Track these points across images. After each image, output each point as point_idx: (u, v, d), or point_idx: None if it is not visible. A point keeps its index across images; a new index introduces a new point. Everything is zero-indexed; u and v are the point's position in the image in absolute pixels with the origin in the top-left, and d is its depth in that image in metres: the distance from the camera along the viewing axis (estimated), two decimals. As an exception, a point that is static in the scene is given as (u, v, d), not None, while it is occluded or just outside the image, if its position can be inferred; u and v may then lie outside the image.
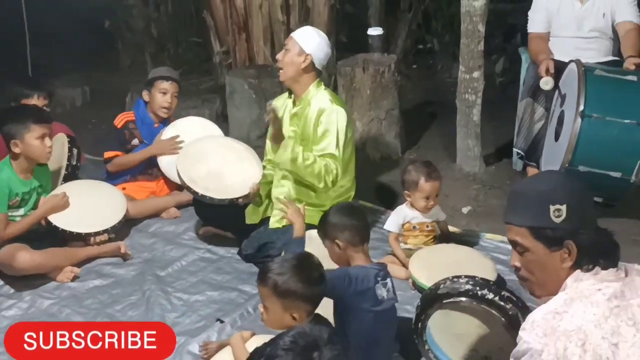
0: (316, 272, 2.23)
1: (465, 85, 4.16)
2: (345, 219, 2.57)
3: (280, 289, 2.15)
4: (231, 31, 5.45)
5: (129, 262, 3.48)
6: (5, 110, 3.44)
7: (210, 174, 3.45)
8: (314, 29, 3.50)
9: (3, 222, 3.26)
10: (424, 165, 3.35)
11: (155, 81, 4.00)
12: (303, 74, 3.33)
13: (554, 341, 1.57)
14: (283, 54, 3.36)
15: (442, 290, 2.41)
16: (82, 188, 3.62)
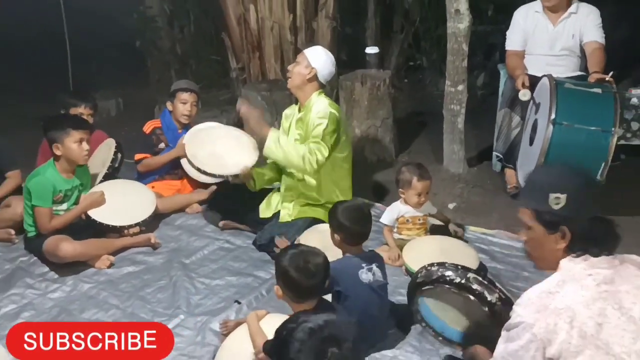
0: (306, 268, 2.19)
1: (451, 97, 4.15)
2: (351, 224, 2.58)
3: (277, 262, 2.23)
4: (246, 50, 5.44)
5: (158, 251, 3.46)
6: (48, 118, 3.43)
7: (211, 154, 3.53)
8: (324, 50, 3.52)
9: (48, 215, 3.26)
10: (416, 167, 3.34)
11: (177, 92, 4.00)
12: (307, 83, 3.36)
13: (545, 317, 1.57)
14: (293, 65, 3.41)
15: (419, 279, 2.41)
16: (118, 186, 3.63)
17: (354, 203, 2.88)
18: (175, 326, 2.78)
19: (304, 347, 1.43)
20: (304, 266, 2.16)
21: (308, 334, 1.44)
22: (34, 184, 3.27)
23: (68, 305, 2.97)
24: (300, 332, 1.45)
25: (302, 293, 2.17)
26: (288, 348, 1.45)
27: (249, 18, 5.28)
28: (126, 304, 2.96)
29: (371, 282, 2.49)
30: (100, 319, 2.85)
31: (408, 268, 3.11)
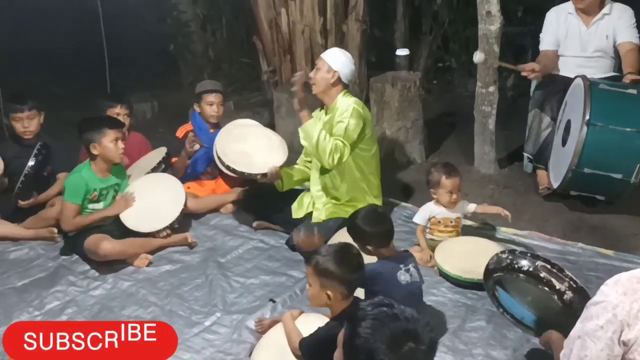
0: (354, 260, 2.20)
1: (482, 98, 4.11)
2: (373, 228, 2.55)
3: (319, 267, 2.15)
4: (277, 53, 5.46)
5: (194, 250, 3.49)
6: (85, 119, 3.47)
7: (241, 152, 3.52)
8: (340, 50, 3.53)
9: (74, 211, 3.31)
10: (444, 166, 3.34)
11: (202, 95, 4.03)
12: (332, 87, 3.38)
13: (630, 300, 1.53)
14: (314, 72, 3.42)
15: (490, 265, 2.39)
16: (150, 182, 3.61)
17: (366, 208, 2.87)
18: (212, 324, 2.82)
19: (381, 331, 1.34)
20: (351, 259, 2.15)
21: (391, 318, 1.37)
22: (68, 181, 3.36)
23: (109, 302, 3.02)
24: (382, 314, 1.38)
25: (352, 287, 2.16)
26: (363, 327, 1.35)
27: (280, 22, 5.31)
28: (164, 302, 3.00)
29: (408, 282, 2.47)
30: (140, 316, 2.89)
31: (440, 269, 3.09)
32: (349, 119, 3.26)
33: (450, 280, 3.05)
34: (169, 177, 3.69)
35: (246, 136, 3.62)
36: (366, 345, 1.34)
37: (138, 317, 2.88)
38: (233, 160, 3.45)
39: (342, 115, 3.28)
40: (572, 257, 3.27)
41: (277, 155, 3.57)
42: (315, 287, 2.17)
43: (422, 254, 3.22)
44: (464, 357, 2.55)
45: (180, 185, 3.65)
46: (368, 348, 1.34)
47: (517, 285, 2.37)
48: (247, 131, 3.70)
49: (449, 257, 3.11)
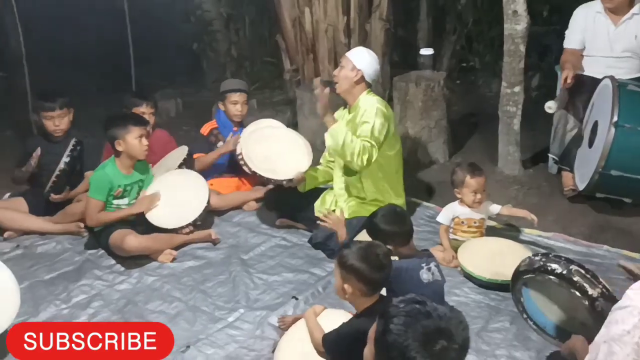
0: (377, 260, 2.18)
1: (507, 98, 4.07)
2: (390, 227, 2.55)
3: (342, 260, 2.16)
4: (300, 52, 5.48)
5: (217, 246, 3.52)
6: (110, 116, 3.51)
7: (265, 157, 3.51)
8: (365, 49, 3.51)
9: (98, 207, 3.36)
10: (469, 165, 3.33)
11: (227, 94, 4.06)
12: (355, 86, 3.37)
13: None
14: (338, 70, 3.41)
15: (522, 267, 2.37)
16: (174, 179, 3.62)
17: (384, 207, 2.86)
18: (235, 320, 2.84)
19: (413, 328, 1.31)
20: (375, 258, 2.14)
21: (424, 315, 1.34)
22: (92, 178, 3.40)
23: (134, 297, 3.06)
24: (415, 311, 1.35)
25: (374, 285, 2.14)
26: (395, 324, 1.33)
27: (304, 21, 5.32)
28: (188, 297, 3.03)
29: (430, 281, 2.47)
30: (165, 310, 2.93)
31: (463, 269, 3.08)
32: (374, 119, 3.24)
33: (473, 281, 3.03)
34: (192, 174, 3.71)
35: (270, 139, 3.61)
36: (398, 342, 1.33)
37: (162, 312, 2.92)
38: (258, 166, 3.44)
39: (367, 115, 3.27)
40: (597, 259, 3.23)
41: (301, 159, 3.56)
42: (338, 278, 2.18)
43: (445, 253, 3.21)
44: (487, 357, 2.54)
45: (204, 182, 3.67)
46: (400, 345, 1.32)
47: (547, 289, 2.34)
48: (271, 134, 3.69)
49: (472, 258, 3.09)
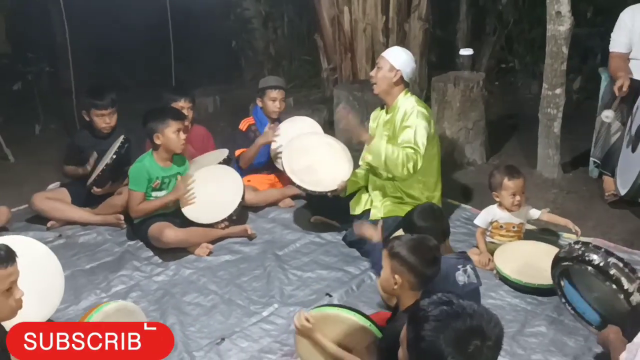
0: (428, 253, 2.17)
1: (548, 100, 4.01)
2: (427, 224, 2.55)
3: (393, 250, 2.16)
4: (338, 51, 5.50)
5: (253, 242, 3.55)
6: (150, 110, 3.57)
7: (307, 167, 3.49)
8: (401, 49, 3.49)
9: (139, 199, 3.43)
10: (506, 167, 3.29)
11: (265, 90, 4.10)
12: (394, 86, 3.35)
13: None
14: (376, 71, 3.38)
15: (561, 254, 2.35)
16: (210, 175, 3.68)
17: (421, 204, 2.84)
18: (269, 314, 2.87)
19: (445, 333, 1.29)
20: (428, 251, 2.15)
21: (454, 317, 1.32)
22: (131, 170, 3.47)
23: (171, 288, 3.12)
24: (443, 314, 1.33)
25: (424, 279, 2.14)
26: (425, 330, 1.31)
27: (343, 20, 5.34)
28: (224, 291, 3.08)
29: (466, 284, 2.46)
30: (201, 303, 2.98)
31: (500, 272, 3.05)
32: (416, 123, 3.22)
33: (510, 284, 3.00)
34: (228, 170, 3.76)
35: (309, 149, 3.60)
36: (432, 349, 1.32)
37: (198, 304, 2.97)
38: (301, 179, 3.44)
39: (408, 120, 3.25)
40: (638, 266, 3.15)
41: (343, 167, 3.53)
42: (387, 270, 2.17)
43: (481, 256, 3.18)
44: (522, 361, 2.51)
45: (239, 178, 3.71)
46: (434, 351, 1.32)
47: (585, 279, 2.32)
48: (310, 142, 3.68)
49: (508, 261, 3.06)
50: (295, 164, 3.49)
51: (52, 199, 3.82)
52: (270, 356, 2.59)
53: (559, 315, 2.75)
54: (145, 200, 3.47)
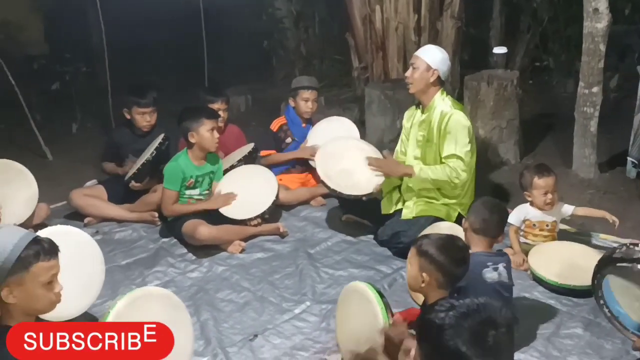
0: (457, 253, 2.18)
1: (584, 99, 3.95)
2: (482, 212, 2.53)
3: (421, 248, 2.17)
4: (370, 50, 5.49)
5: (285, 240, 3.58)
6: (185, 109, 3.63)
7: (342, 171, 3.49)
8: (436, 47, 3.47)
9: (173, 198, 3.49)
10: (536, 166, 3.27)
11: (298, 90, 4.12)
12: (431, 86, 3.33)
13: None
14: (411, 72, 3.35)
15: (617, 254, 2.31)
16: (245, 173, 3.74)
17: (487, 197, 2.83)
18: (301, 312, 2.90)
19: (462, 330, 1.33)
20: (457, 250, 2.15)
21: (467, 316, 1.35)
22: (166, 169, 3.53)
23: (205, 284, 3.16)
24: (457, 315, 1.36)
25: (452, 278, 2.14)
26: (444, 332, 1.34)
27: (374, 18, 5.33)
28: (257, 288, 3.11)
29: (495, 281, 2.43)
30: (234, 299, 3.02)
31: (534, 273, 3.01)
32: (457, 129, 3.22)
33: (544, 285, 2.96)
34: (262, 169, 3.81)
35: (342, 153, 3.59)
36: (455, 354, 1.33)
37: (231, 301, 3.01)
38: (337, 183, 3.44)
39: (448, 126, 3.24)
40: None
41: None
42: (414, 267, 2.18)
43: (515, 256, 3.14)
44: (558, 364, 2.48)
45: (273, 176, 3.75)
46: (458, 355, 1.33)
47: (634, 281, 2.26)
48: (343, 147, 3.65)
49: (543, 261, 3.02)
50: (329, 169, 3.50)
51: (89, 196, 3.91)
52: (303, 353, 2.61)
53: (595, 317, 2.71)
54: (179, 199, 3.53)
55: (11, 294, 1.84)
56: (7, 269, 1.81)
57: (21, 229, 1.93)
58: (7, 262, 1.81)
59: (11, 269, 1.81)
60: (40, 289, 1.88)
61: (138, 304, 2.15)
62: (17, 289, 1.83)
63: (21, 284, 1.83)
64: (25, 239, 1.85)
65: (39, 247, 1.86)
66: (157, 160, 3.75)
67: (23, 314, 1.89)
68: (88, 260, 2.63)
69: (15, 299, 1.84)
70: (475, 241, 2.51)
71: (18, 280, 1.82)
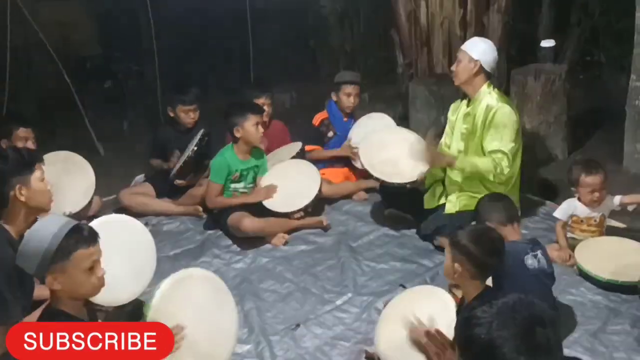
0: (489, 243, 2.18)
1: (636, 92, 3.85)
2: (492, 204, 2.58)
3: (455, 239, 2.19)
4: (415, 46, 5.47)
5: (327, 233, 3.63)
6: (230, 105, 3.73)
7: (386, 160, 3.52)
8: (480, 39, 3.47)
9: (217, 190, 3.58)
10: (585, 162, 3.20)
11: (341, 85, 4.16)
12: (475, 77, 3.31)
13: None
14: (456, 65, 3.36)
15: None
16: (288, 167, 3.82)
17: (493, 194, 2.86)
18: (343, 303, 2.95)
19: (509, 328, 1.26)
20: (489, 242, 2.16)
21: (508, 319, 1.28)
22: (213, 162, 3.63)
23: (249, 275, 3.25)
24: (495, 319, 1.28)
25: (483, 269, 2.15)
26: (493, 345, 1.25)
27: (419, 14, 5.31)
28: (299, 279, 3.17)
29: (536, 268, 2.42)
30: (277, 290, 3.09)
31: (581, 268, 2.96)
32: (503, 124, 3.20)
33: (591, 281, 2.91)
34: (305, 163, 3.88)
35: (387, 143, 3.64)
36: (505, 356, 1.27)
37: (275, 291, 3.09)
38: (381, 171, 3.49)
39: (495, 120, 3.22)
40: None
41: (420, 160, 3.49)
42: (448, 258, 2.21)
43: (561, 252, 3.11)
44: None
45: (316, 171, 3.80)
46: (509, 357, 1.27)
47: None
48: (387, 138, 3.72)
49: (591, 257, 2.97)
50: (373, 158, 3.54)
51: (137, 194, 4.04)
52: (344, 343, 2.66)
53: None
54: (225, 192, 3.62)
55: (55, 281, 1.91)
56: (48, 257, 1.87)
57: (62, 218, 2.00)
58: (49, 252, 1.87)
59: (53, 258, 1.87)
60: (82, 275, 1.93)
61: (182, 285, 2.21)
62: (60, 276, 1.90)
63: (64, 272, 1.90)
64: (64, 228, 1.91)
65: (78, 235, 1.93)
66: (200, 155, 3.85)
67: (69, 298, 1.96)
68: (141, 248, 2.75)
69: (59, 285, 1.91)
70: (507, 232, 2.51)
71: (60, 268, 1.89)
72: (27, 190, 2.35)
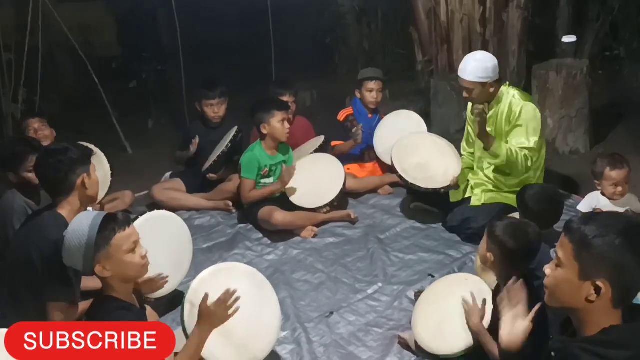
0: (524, 238, 2.25)
1: (657, 85, 3.92)
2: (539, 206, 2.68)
3: (490, 228, 2.30)
4: (434, 43, 5.56)
5: (355, 226, 3.74)
6: (257, 102, 3.84)
7: (418, 165, 3.62)
8: (469, 59, 3.42)
9: (250, 186, 3.70)
10: (609, 156, 3.25)
11: (363, 82, 4.28)
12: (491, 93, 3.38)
13: None
14: (468, 95, 3.38)
15: None
16: (313, 162, 3.91)
17: (543, 186, 2.89)
18: (374, 292, 3.07)
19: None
20: (523, 236, 2.25)
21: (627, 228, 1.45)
22: (243, 159, 3.74)
23: (281, 266, 3.37)
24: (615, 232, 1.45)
25: (514, 261, 2.24)
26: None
27: (439, 11, 5.41)
28: (330, 269, 3.29)
29: None
30: (309, 280, 3.22)
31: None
32: (527, 120, 3.30)
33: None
34: (330, 158, 3.97)
35: (417, 147, 3.74)
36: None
37: (307, 281, 3.21)
38: (414, 177, 3.57)
39: (520, 117, 3.31)
40: None
41: (452, 162, 3.63)
42: (484, 245, 2.32)
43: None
44: None
45: (341, 165, 3.90)
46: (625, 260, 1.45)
47: None
48: (417, 141, 3.82)
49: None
50: (405, 162, 3.63)
51: (169, 189, 4.17)
52: (377, 329, 2.78)
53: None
54: (255, 187, 3.75)
55: (104, 269, 2.04)
56: (92, 249, 2.01)
57: (91, 213, 2.14)
58: (90, 243, 2.01)
59: (96, 247, 2.01)
60: (126, 257, 2.06)
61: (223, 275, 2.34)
62: (107, 263, 2.03)
63: (109, 258, 2.03)
64: (97, 218, 2.05)
65: (112, 221, 2.06)
66: (232, 151, 3.98)
67: (121, 283, 2.09)
68: (180, 241, 2.89)
69: (109, 272, 2.05)
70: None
71: (105, 255, 2.02)
72: (89, 179, 2.51)
